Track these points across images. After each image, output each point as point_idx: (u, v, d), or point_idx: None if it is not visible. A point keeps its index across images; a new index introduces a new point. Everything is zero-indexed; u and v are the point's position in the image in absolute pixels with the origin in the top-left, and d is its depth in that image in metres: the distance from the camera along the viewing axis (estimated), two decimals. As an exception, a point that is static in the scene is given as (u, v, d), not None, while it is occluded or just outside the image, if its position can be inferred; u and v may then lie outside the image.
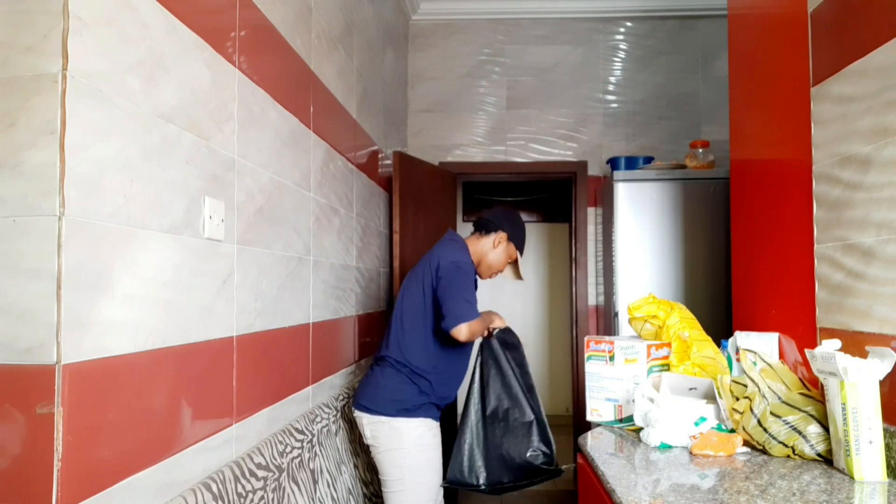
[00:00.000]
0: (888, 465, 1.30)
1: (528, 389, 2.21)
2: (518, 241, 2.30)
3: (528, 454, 2.14)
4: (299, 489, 1.69)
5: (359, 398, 2.13)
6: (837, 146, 1.52)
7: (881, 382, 1.31)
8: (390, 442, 2.04)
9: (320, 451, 1.94)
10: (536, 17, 4.07)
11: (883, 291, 1.36)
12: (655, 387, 1.70)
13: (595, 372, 1.84)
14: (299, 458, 1.75)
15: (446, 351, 2.13)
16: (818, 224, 1.60)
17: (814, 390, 1.55)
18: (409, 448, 2.03)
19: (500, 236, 2.26)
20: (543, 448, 2.15)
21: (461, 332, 1.98)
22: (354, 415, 2.14)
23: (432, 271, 2.10)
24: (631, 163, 3.37)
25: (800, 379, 1.60)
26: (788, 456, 1.45)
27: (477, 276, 2.24)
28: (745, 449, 1.51)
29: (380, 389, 2.08)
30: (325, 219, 2.24)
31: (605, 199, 3.54)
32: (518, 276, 2.36)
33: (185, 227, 1.28)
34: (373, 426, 2.07)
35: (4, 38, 0.95)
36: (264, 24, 1.71)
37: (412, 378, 2.08)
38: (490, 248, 2.26)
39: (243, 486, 1.38)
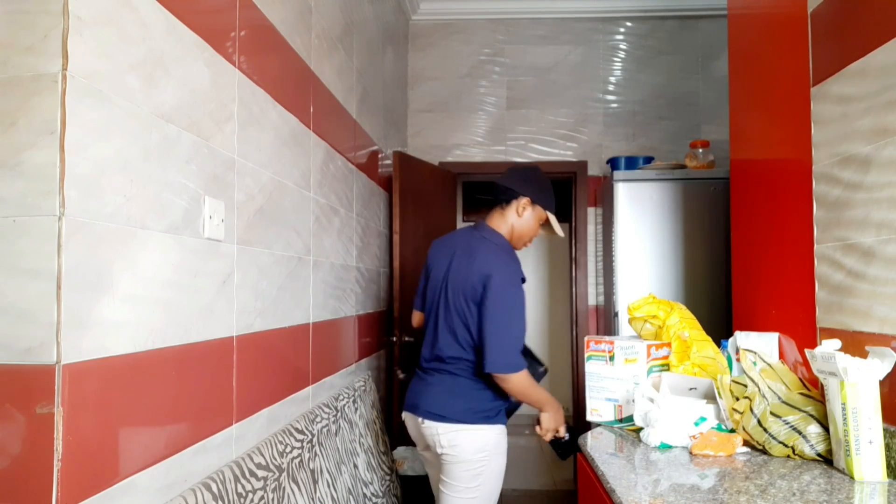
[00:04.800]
0: (888, 465, 1.30)
1: None
2: (544, 200, 2.05)
3: None
4: (299, 489, 1.69)
5: (426, 407, 1.97)
6: (837, 146, 1.52)
7: (881, 382, 1.31)
8: (472, 450, 1.92)
9: (320, 451, 1.94)
10: (536, 17, 4.07)
11: (883, 291, 1.36)
12: (655, 387, 1.70)
13: (595, 372, 1.83)
14: (299, 458, 1.75)
15: None
16: (818, 224, 1.60)
17: (814, 390, 1.55)
18: (491, 455, 1.94)
19: (523, 202, 2.02)
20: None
21: (510, 382, 1.86)
22: (424, 424, 1.97)
23: (479, 286, 1.90)
24: (631, 163, 3.37)
25: (800, 379, 1.60)
26: (788, 456, 1.45)
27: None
28: (745, 449, 1.51)
29: (456, 399, 1.95)
30: (325, 219, 2.24)
31: (605, 199, 3.54)
32: (553, 233, 2.14)
33: (185, 227, 1.28)
34: (451, 435, 1.92)
35: (4, 38, 0.95)
36: (264, 24, 1.71)
37: (487, 384, 1.95)
38: (515, 218, 2.03)
39: (243, 486, 1.38)
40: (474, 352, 1.95)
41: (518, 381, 1.88)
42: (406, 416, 2.07)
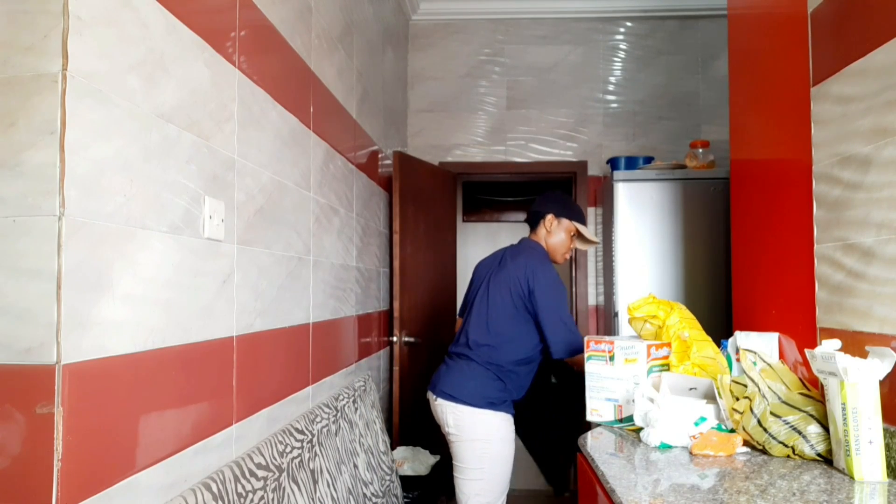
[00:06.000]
0: (888, 465, 1.30)
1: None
2: (567, 212, 2.30)
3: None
4: (299, 489, 1.69)
5: (442, 387, 2.19)
6: (837, 146, 1.52)
7: (881, 382, 1.31)
8: (475, 432, 2.12)
9: (320, 451, 1.94)
10: (536, 17, 4.07)
11: (883, 291, 1.36)
12: (655, 387, 1.70)
13: (595, 372, 1.83)
14: (299, 458, 1.75)
15: (528, 357, 2.21)
16: (818, 224, 1.60)
17: (814, 390, 1.55)
18: (493, 440, 2.12)
19: (548, 219, 2.29)
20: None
21: (577, 364, 2.08)
22: (436, 402, 2.20)
23: (523, 284, 2.14)
24: (631, 163, 3.37)
25: (800, 379, 1.60)
26: (788, 456, 1.45)
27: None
28: (745, 449, 1.51)
29: (467, 382, 2.16)
30: (325, 219, 2.24)
31: (605, 199, 3.54)
32: (589, 243, 2.37)
33: (185, 227, 1.28)
34: (457, 415, 2.14)
35: (4, 38, 0.95)
36: (264, 24, 1.71)
37: (499, 375, 2.16)
38: (546, 235, 2.30)
39: (243, 486, 1.38)
40: (499, 341, 2.16)
41: (582, 361, 2.09)
42: (429, 395, 2.29)
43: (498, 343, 2.16)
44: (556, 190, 2.45)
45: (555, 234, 2.30)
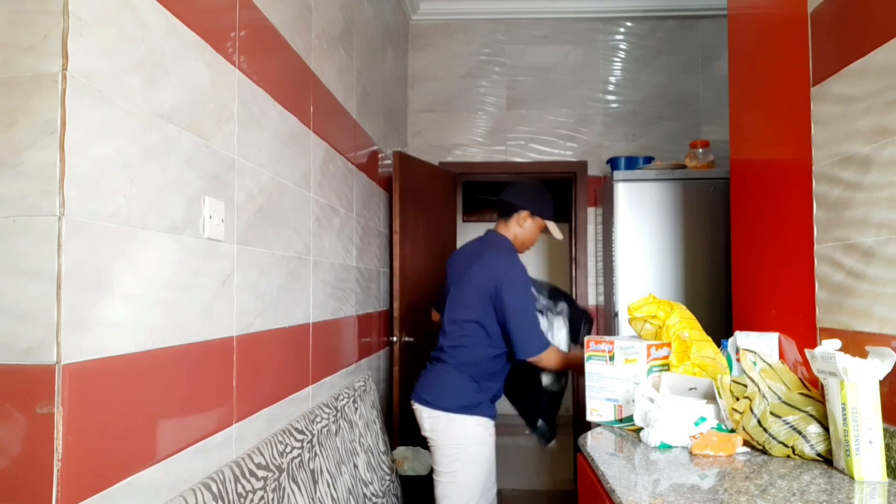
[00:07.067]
0: (888, 465, 1.30)
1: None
2: (541, 211, 2.31)
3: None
4: (299, 489, 1.68)
5: (420, 392, 2.22)
6: (837, 146, 1.52)
7: (881, 382, 1.31)
8: (448, 437, 2.13)
9: (320, 451, 1.94)
10: (536, 17, 4.07)
11: (883, 291, 1.36)
12: (655, 387, 1.70)
13: (595, 372, 1.83)
14: (299, 458, 1.75)
15: (502, 353, 2.21)
16: (818, 224, 1.60)
17: (814, 390, 1.55)
18: (465, 444, 2.12)
19: (523, 215, 2.29)
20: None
21: (543, 362, 2.11)
22: (414, 407, 2.23)
23: (490, 283, 2.13)
24: (631, 163, 3.37)
25: (800, 379, 1.60)
26: (788, 456, 1.45)
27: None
28: (745, 449, 1.51)
29: (441, 387, 2.17)
30: (325, 219, 2.24)
31: (605, 199, 3.54)
32: (555, 235, 2.38)
33: (185, 227, 1.28)
34: (432, 419, 2.15)
35: (4, 38, 0.95)
36: (264, 24, 1.71)
37: (473, 376, 2.16)
38: (518, 228, 2.30)
39: (243, 486, 1.38)
40: (470, 341, 2.16)
41: (549, 359, 2.12)
42: (411, 401, 2.29)
43: (470, 343, 2.17)
44: (531, 182, 2.43)
45: (526, 229, 2.30)
